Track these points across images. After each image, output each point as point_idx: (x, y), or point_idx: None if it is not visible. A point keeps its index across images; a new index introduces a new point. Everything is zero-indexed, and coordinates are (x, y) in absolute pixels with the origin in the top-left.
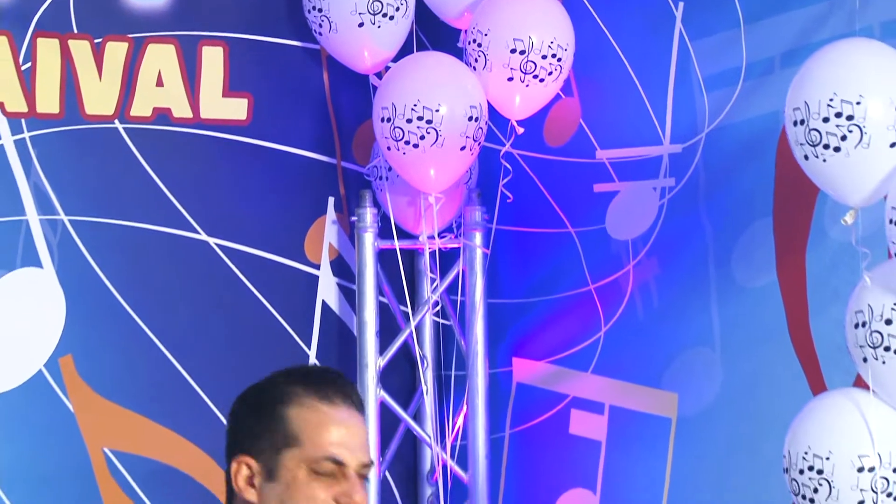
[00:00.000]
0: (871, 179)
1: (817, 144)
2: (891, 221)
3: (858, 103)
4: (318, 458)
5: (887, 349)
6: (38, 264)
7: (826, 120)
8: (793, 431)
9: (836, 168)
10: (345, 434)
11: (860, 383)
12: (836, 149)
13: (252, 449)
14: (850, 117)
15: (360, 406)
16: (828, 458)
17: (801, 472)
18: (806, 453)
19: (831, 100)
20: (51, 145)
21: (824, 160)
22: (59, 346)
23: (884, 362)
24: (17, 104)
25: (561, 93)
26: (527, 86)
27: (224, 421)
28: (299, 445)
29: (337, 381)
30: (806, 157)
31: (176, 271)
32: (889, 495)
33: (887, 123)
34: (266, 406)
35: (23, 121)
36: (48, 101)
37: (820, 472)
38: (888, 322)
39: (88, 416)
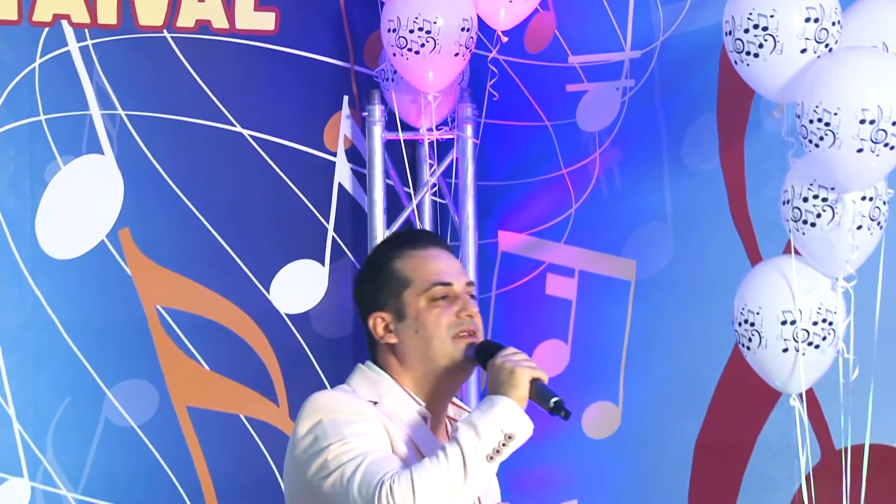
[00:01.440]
0: (785, 80)
1: (741, 52)
2: (797, 115)
3: (772, 16)
4: (428, 286)
5: (805, 222)
6: (100, 151)
7: (747, 31)
8: (739, 292)
9: (757, 71)
10: (441, 264)
11: (788, 251)
12: (756, 55)
13: (378, 304)
14: (765, 28)
15: (447, 247)
16: (758, 313)
17: (740, 324)
18: (743, 309)
19: (750, 14)
20: (110, 51)
21: (747, 65)
22: (119, 220)
23: (803, 234)
24: (81, 16)
25: (539, 7)
26: (510, 1)
27: (256, 283)
28: (412, 284)
29: (423, 232)
30: (735, 63)
31: (216, 157)
32: (810, 344)
33: (797, 33)
34: (378, 269)
35: (86, 30)
36: (107, 13)
37: (752, 324)
38: (805, 199)
39: (143, 279)
